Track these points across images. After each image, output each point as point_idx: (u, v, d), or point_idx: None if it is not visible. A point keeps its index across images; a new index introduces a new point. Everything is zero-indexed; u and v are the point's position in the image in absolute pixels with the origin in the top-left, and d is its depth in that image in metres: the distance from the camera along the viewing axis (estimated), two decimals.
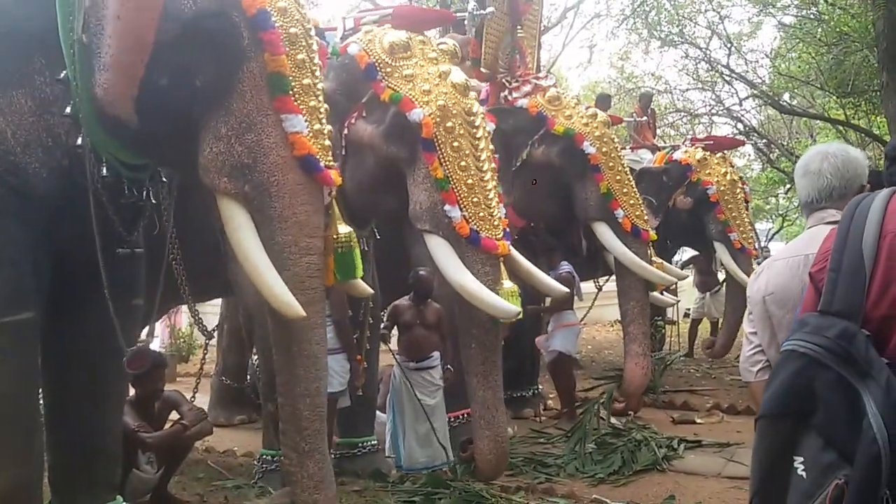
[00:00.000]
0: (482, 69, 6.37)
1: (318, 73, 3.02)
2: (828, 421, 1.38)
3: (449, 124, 4.29)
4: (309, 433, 2.95)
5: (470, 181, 4.30)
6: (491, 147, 4.50)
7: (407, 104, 4.30)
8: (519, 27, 6.61)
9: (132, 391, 4.32)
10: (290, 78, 2.86)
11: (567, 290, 5.27)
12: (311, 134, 2.90)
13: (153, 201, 3.41)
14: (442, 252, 4.31)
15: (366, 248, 4.85)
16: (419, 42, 4.56)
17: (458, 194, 4.26)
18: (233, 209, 2.92)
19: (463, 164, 4.29)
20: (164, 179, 3.46)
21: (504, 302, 4.25)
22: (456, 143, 4.30)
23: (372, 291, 3.79)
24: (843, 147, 2.49)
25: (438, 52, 4.57)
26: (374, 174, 4.51)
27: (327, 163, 2.97)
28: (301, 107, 2.89)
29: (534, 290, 5.55)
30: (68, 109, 2.99)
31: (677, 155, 9.01)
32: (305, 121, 2.88)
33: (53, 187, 3.11)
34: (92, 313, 3.30)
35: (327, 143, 2.99)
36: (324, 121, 3.00)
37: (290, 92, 2.86)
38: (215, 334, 4.93)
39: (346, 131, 4.46)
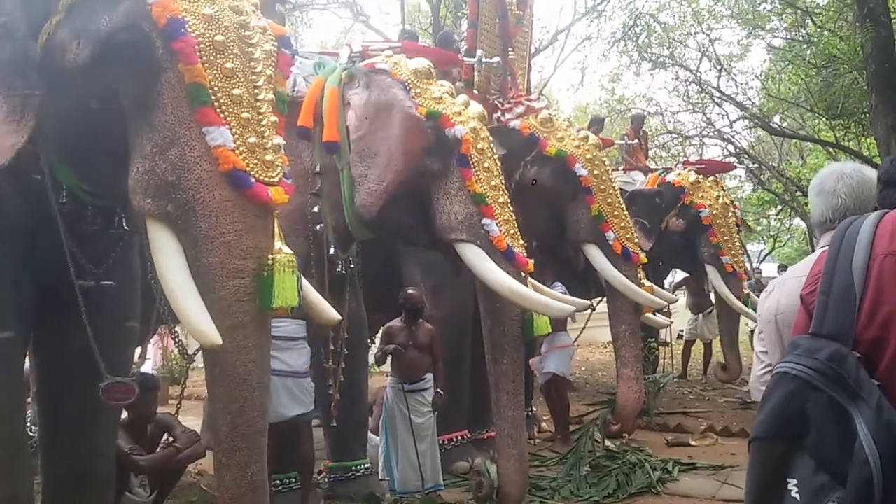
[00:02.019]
0: (474, 91, 6.40)
1: (260, 84, 2.83)
2: (820, 443, 1.38)
3: (480, 146, 4.49)
4: (226, 447, 2.79)
5: (501, 200, 4.48)
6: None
7: (446, 121, 4.43)
8: (510, 49, 6.65)
9: (125, 414, 4.30)
10: (214, 88, 2.69)
11: (588, 302, 5.31)
12: (243, 147, 2.70)
13: (126, 228, 3.34)
14: (482, 260, 4.33)
15: (344, 272, 4.86)
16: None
17: (494, 210, 4.40)
18: (156, 230, 2.73)
19: (493, 183, 4.48)
20: None
21: (553, 301, 4.44)
22: (486, 164, 4.49)
23: (339, 318, 3.66)
24: (858, 167, 2.48)
25: (448, 88, 4.73)
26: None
27: (267, 178, 2.75)
28: (229, 119, 2.69)
29: None
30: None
31: (670, 177, 9.05)
32: (234, 133, 2.69)
33: (27, 213, 3.12)
34: (81, 337, 3.25)
35: (270, 157, 2.78)
36: (267, 134, 2.80)
37: (212, 103, 2.68)
38: (196, 357, 4.90)
39: None
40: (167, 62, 2.70)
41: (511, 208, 4.56)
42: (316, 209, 4.65)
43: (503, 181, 4.61)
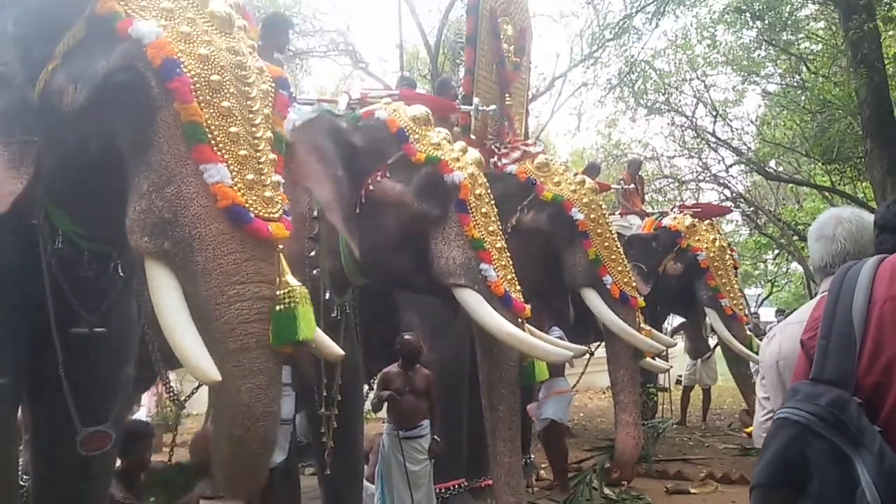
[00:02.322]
0: (471, 136, 6.44)
1: (257, 122, 2.82)
2: (822, 490, 1.36)
3: (478, 192, 4.53)
4: (226, 475, 2.72)
5: (498, 245, 4.50)
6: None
7: (445, 166, 4.47)
8: (507, 95, 6.71)
9: (119, 461, 4.25)
10: (210, 126, 2.68)
11: (584, 348, 5.30)
12: (241, 184, 2.68)
13: (121, 274, 3.31)
14: (480, 305, 4.32)
15: (339, 317, 4.84)
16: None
17: (492, 255, 4.41)
18: (153, 269, 2.68)
19: (491, 228, 4.51)
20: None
21: (552, 347, 4.45)
22: (484, 210, 4.52)
23: (343, 353, 3.60)
24: (856, 212, 2.49)
25: (446, 135, 4.77)
26: (395, 232, 4.52)
27: (267, 214, 2.71)
28: (226, 156, 2.68)
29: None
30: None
31: (666, 221, 9.08)
32: (232, 170, 2.68)
33: (22, 259, 3.10)
34: (76, 384, 3.21)
35: (269, 194, 2.76)
36: (265, 171, 2.78)
37: (209, 141, 2.67)
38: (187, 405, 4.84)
39: (370, 188, 4.49)
40: (163, 101, 2.70)
41: (508, 254, 4.57)
42: (313, 253, 4.64)
43: (500, 226, 4.65)
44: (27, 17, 2.97)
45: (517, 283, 4.53)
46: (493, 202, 4.66)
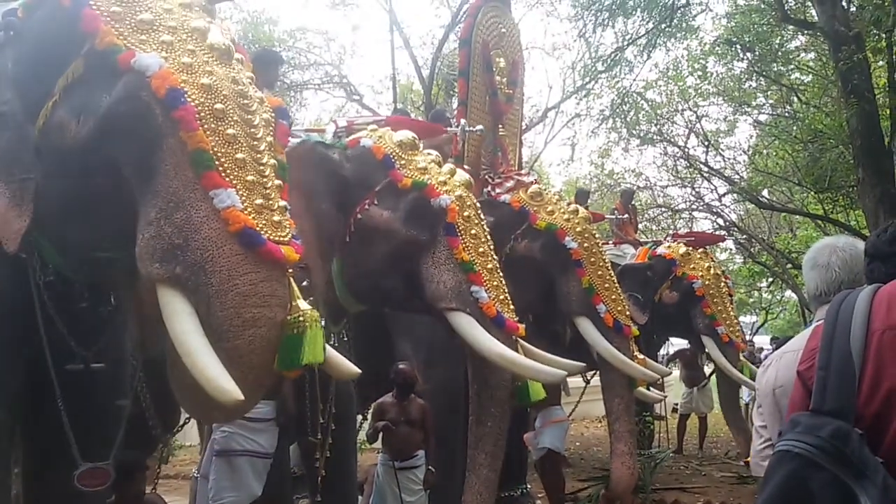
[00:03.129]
0: (465, 166, 6.46)
1: (262, 149, 2.87)
2: None
3: (466, 214, 4.56)
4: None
5: (490, 266, 4.52)
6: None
7: (432, 191, 4.50)
8: (500, 126, 6.75)
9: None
10: (217, 153, 2.72)
11: (583, 364, 5.28)
12: (251, 209, 2.72)
13: (112, 307, 3.32)
14: (472, 327, 4.34)
15: (335, 346, 4.82)
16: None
17: (483, 277, 4.43)
18: (167, 295, 2.68)
19: (481, 250, 4.53)
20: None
21: (543, 366, 4.41)
22: (474, 231, 4.55)
23: (359, 372, 3.56)
24: (851, 241, 2.51)
25: (435, 157, 4.79)
26: (385, 258, 4.56)
27: (277, 238, 2.75)
28: (234, 182, 2.73)
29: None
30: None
31: (661, 250, 9.11)
32: (241, 195, 2.71)
33: (17, 294, 3.11)
34: (69, 418, 3.21)
35: (278, 218, 2.80)
36: (273, 196, 2.83)
37: (217, 167, 2.71)
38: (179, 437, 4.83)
39: (358, 217, 4.54)
40: (168, 130, 2.73)
41: (500, 274, 4.60)
42: (305, 283, 4.63)
43: (491, 247, 4.66)
44: (26, 55, 3.01)
45: (510, 302, 4.55)
46: (483, 223, 4.69)
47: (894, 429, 1.34)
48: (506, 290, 4.55)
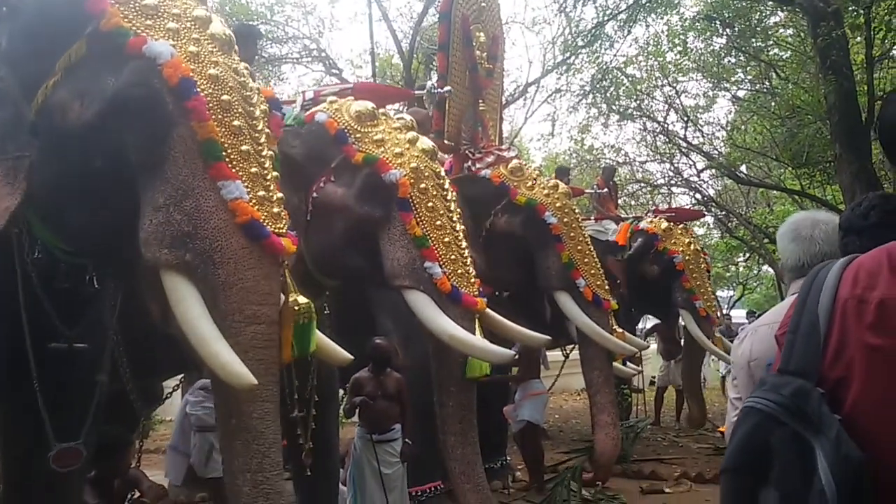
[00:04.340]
0: (445, 141, 6.48)
1: (262, 141, 2.93)
2: (783, 475, 1.40)
3: (423, 185, 4.40)
4: None
5: (447, 239, 4.39)
6: (459, 210, 4.60)
7: (383, 165, 4.37)
8: (480, 101, 6.76)
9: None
10: (224, 144, 2.78)
11: (547, 337, 5.25)
12: (254, 200, 2.79)
13: (96, 287, 3.31)
14: (426, 306, 4.29)
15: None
16: (382, 113, 4.67)
17: (438, 252, 4.32)
18: (175, 281, 2.74)
19: (438, 223, 4.38)
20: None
21: (496, 347, 4.29)
22: (430, 204, 4.40)
23: (352, 358, 3.58)
24: (830, 215, 2.56)
25: (401, 124, 4.66)
26: (343, 236, 4.48)
27: (277, 230, 2.84)
28: (240, 173, 2.79)
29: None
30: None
31: (643, 225, 9.21)
32: (246, 187, 2.79)
33: (2, 270, 3.11)
34: (51, 395, 3.22)
35: (277, 210, 2.88)
36: (272, 188, 2.90)
37: (225, 158, 2.77)
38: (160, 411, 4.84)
39: (314, 195, 4.46)
40: (179, 118, 2.76)
41: (461, 246, 4.48)
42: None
43: (453, 219, 4.52)
44: (22, 33, 2.98)
45: (470, 276, 4.45)
46: (444, 194, 4.54)
47: (854, 392, 1.39)
48: (467, 263, 4.45)
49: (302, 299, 2.91)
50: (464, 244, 4.50)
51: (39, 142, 2.92)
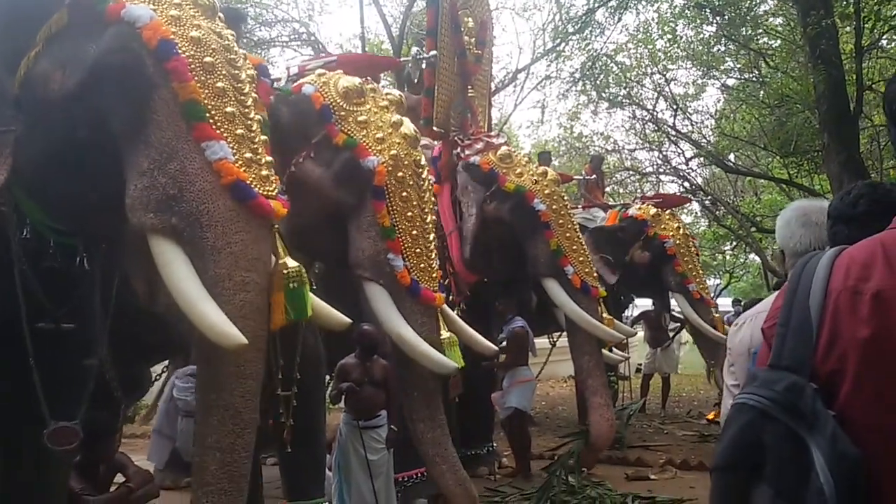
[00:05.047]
0: (434, 128, 6.45)
1: (249, 103, 2.90)
2: (778, 472, 1.39)
3: (400, 174, 4.33)
4: (212, 490, 2.72)
5: (415, 232, 4.33)
6: (433, 200, 4.53)
7: (362, 150, 4.30)
8: (469, 87, 6.73)
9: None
10: (207, 105, 2.75)
11: (495, 348, 5.21)
12: (241, 162, 2.75)
13: (86, 267, 3.27)
14: (381, 301, 4.27)
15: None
16: (370, 89, 4.58)
17: (403, 244, 4.27)
18: (162, 245, 2.70)
19: (409, 214, 4.33)
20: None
21: (439, 355, 4.22)
22: (404, 194, 4.34)
23: (349, 321, 3.52)
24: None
25: (388, 101, 4.58)
26: (316, 216, 4.43)
27: (266, 192, 2.79)
28: (225, 134, 2.75)
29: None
30: None
31: (632, 211, 9.22)
32: (232, 148, 2.74)
33: None
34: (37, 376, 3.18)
35: (265, 172, 2.84)
36: (260, 150, 2.86)
37: (209, 119, 2.74)
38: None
39: (292, 169, 4.37)
40: (160, 80, 2.74)
41: (429, 238, 4.42)
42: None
43: (425, 210, 4.45)
44: (3, 4, 2.95)
45: (433, 270, 4.39)
46: (421, 184, 4.45)
47: (847, 386, 1.38)
48: (431, 257, 4.39)
49: (292, 262, 2.87)
50: (431, 237, 4.45)
51: (24, 115, 2.88)
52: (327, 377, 5.86)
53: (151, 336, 4.13)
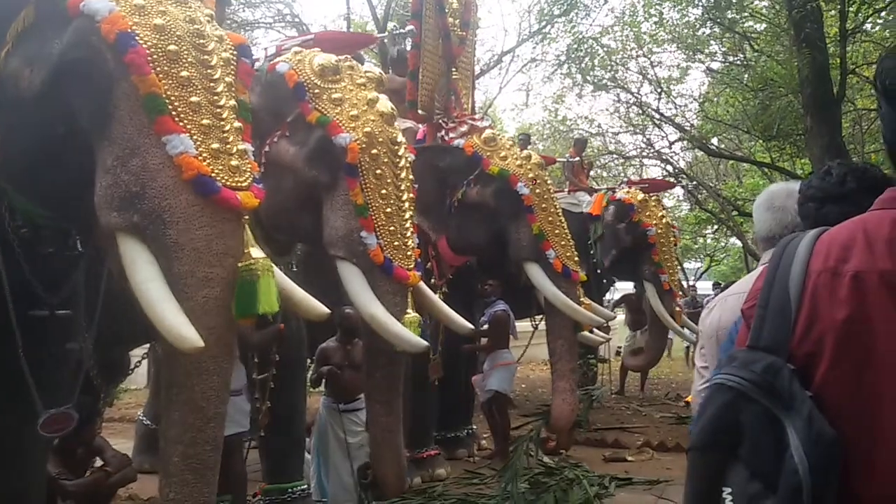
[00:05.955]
0: (419, 111, 6.42)
1: (219, 90, 2.83)
2: (754, 452, 1.39)
3: (374, 151, 4.26)
4: (175, 481, 2.68)
5: (389, 210, 4.27)
6: (411, 177, 4.48)
7: (334, 128, 4.23)
8: (453, 70, 6.69)
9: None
10: (170, 97, 2.68)
11: (470, 326, 5.18)
12: (206, 154, 2.68)
13: (80, 250, 3.23)
14: (354, 280, 4.21)
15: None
16: (347, 67, 4.50)
17: (377, 222, 4.21)
18: (126, 244, 2.65)
19: (384, 192, 4.27)
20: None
21: (412, 335, 4.17)
22: (379, 171, 4.27)
23: (328, 312, 3.41)
24: None
25: (366, 78, 4.50)
26: (292, 196, 4.37)
27: (234, 184, 2.72)
28: (188, 126, 2.68)
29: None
30: None
31: (619, 195, 9.24)
32: (196, 140, 2.68)
33: None
34: (15, 359, 3.14)
35: (236, 163, 2.76)
36: (230, 140, 2.79)
37: (170, 112, 2.67)
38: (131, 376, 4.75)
39: (267, 149, 4.33)
40: (120, 74, 2.68)
41: (405, 217, 4.37)
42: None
43: (401, 188, 4.38)
44: None
45: (408, 249, 4.34)
46: (397, 162, 4.39)
47: (824, 368, 1.38)
48: (406, 235, 4.33)
49: (257, 253, 2.76)
50: (407, 215, 4.38)
51: (2, 113, 2.84)
52: (308, 360, 5.85)
53: (131, 319, 4.10)
